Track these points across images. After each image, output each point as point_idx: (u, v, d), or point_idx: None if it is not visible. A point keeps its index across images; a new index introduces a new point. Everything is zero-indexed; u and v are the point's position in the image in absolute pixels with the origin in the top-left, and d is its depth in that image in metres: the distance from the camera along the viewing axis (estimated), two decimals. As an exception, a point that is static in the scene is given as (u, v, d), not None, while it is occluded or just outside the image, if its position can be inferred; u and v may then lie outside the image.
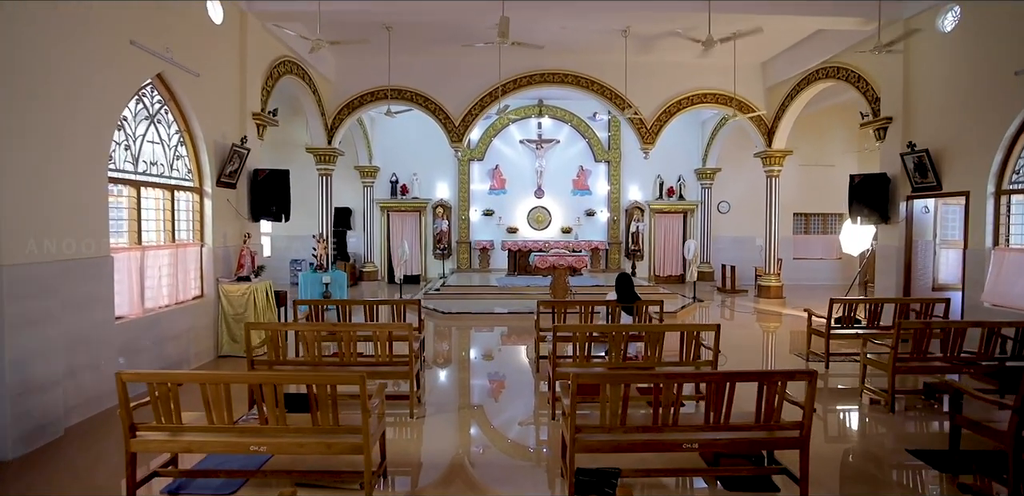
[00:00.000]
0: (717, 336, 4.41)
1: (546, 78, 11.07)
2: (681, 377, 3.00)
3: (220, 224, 6.73)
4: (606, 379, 3.00)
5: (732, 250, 14.54)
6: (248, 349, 4.36)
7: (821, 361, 6.27)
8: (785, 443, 3.07)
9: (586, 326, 4.33)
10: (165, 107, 5.85)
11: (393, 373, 4.38)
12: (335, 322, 5.36)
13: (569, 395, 3.12)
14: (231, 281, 6.72)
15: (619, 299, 5.93)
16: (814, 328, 6.44)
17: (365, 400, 2.90)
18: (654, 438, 3.02)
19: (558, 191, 14.58)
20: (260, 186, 7.37)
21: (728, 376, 2.99)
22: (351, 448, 2.93)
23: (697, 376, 2.93)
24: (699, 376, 2.94)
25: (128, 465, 2.95)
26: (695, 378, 2.98)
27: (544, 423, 4.57)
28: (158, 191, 5.73)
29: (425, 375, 5.89)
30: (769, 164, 11.52)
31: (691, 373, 2.99)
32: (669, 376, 2.97)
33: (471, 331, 8.68)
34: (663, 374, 2.95)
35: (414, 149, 14.34)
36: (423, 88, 11.06)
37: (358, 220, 14.60)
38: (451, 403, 5.08)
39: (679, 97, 11.22)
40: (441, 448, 4.04)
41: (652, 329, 4.35)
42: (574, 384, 2.97)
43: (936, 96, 7.00)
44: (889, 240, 7.76)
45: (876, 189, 7.66)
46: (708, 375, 2.97)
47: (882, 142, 7.91)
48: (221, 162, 6.66)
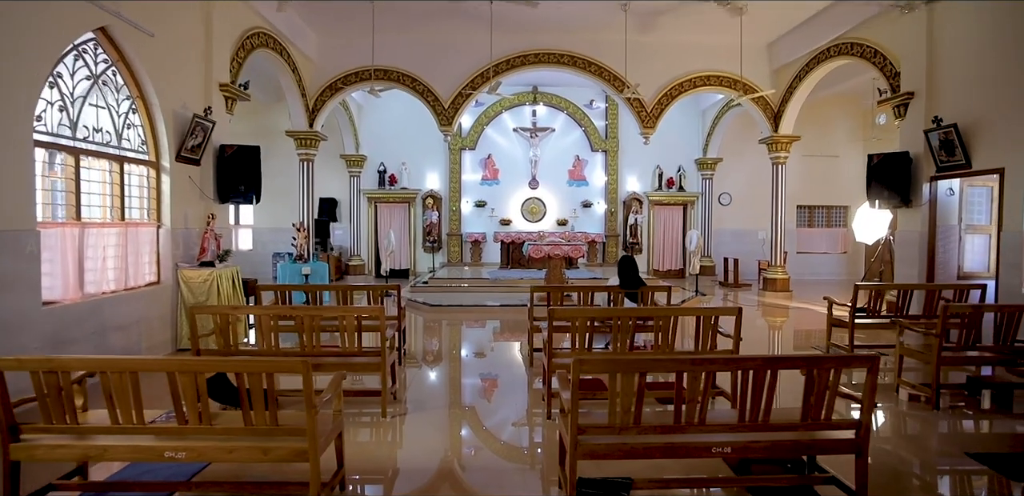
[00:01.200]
0: (738, 321, 3.81)
1: (541, 58, 10.46)
2: (711, 364, 2.39)
3: (180, 203, 6.08)
4: (616, 367, 2.39)
5: (733, 244, 13.98)
6: (193, 337, 3.72)
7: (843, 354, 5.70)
8: (838, 446, 2.47)
9: (586, 310, 3.72)
10: (113, 69, 5.20)
11: (363, 365, 3.75)
12: (295, 305, 4.72)
13: (569, 388, 2.51)
14: (192, 266, 6.07)
15: (622, 285, 5.33)
16: (836, 318, 5.86)
17: (310, 393, 2.28)
18: (676, 441, 2.41)
19: (553, 182, 13.97)
20: (227, 163, 6.72)
21: (770, 362, 2.38)
22: (293, 454, 2.31)
23: (732, 362, 2.34)
24: (735, 362, 2.35)
25: (5, 476, 2.31)
26: (730, 365, 2.37)
27: (538, 423, 3.96)
28: (104, 162, 5.07)
29: (405, 370, 5.27)
30: (775, 150, 10.96)
31: (725, 358, 2.37)
32: (696, 362, 2.35)
33: (458, 324, 8.05)
34: (689, 359, 2.34)
35: (403, 137, 13.70)
36: (411, 68, 10.43)
37: (344, 211, 13.94)
38: (432, 400, 4.45)
39: (681, 79, 10.64)
40: (419, 452, 3.42)
41: (664, 313, 3.74)
42: (576, 372, 2.36)
43: (965, 66, 6.44)
44: (910, 225, 7.19)
45: (897, 170, 7.10)
46: (745, 361, 2.37)
47: (902, 120, 7.35)
48: (181, 135, 6.01)
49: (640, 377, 2.36)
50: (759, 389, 2.40)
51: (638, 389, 2.37)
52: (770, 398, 2.42)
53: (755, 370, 2.38)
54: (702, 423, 2.43)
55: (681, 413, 2.43)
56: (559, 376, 2.85)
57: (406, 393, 4.56)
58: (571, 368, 2.34)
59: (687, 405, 2.39)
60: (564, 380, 2.79)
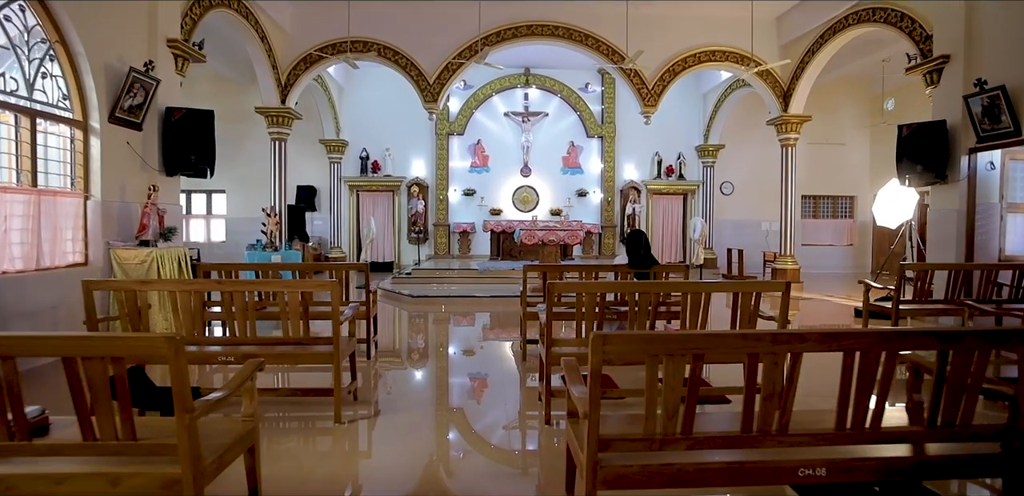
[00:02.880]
0: (786, 299, 3.03)
1: (534, 30, 9.65)
2: (801, 341, 1.57)
3: (115, 173, 5.20)
4: (659, 346, 1.57)
5: (736, 235, 13.24)
6: (90, 320, 2.87)
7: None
8: (981, 465, 1.68)
9: (596, 284, 2.91)
10: (21, 3, 4.33)
11: (309, 356, 2.91)
12: (222, 279, 3.87)
13: (582, 381, 1.71)
14: (129, 245, 5.19)
15: (631, 264, 4.53)
16: (874, 304, 5.10)
17: (182, 389, 1.44)
18: (749, 460, 1.60)
19: (546, 169, 13.17)
20: (175, 130, 5.84)
21: (887, 339, 1.58)
22: (158, 484, 1.47)
23: (834, 339, 1.54)
24: (838, 339, 1.55)
25: None
26: (829, 343, 1.57)
27: (532, 429, 3.15)
28: (6, 114, 4.20)
29: (375, 366, 4.43)
30: (784, 131, 10.22)
31: (823, 333, 1.57)
32: (780, 339, 1.55)
33: (442, 316, 7.22)
34: (769, 335, 1.54)
35: (387, 121, 12.84)
36: (393, 40, 9.58)
37: (324, 200, 13.05)
38: (403, 402, 3.61)
39: (685, 54, 9.88)
40: (376, 471, 2.60)
41: (694, 289, 2.94)
42: (597, 355, 1.53)
43: (1010, 23, 5.72)
44: (946, 203, 6.46)
45: (932, 141, 6.36)
46: (856, 336, 1.56)
47: (935, 87, 6.62)
48: (116, 92, 5.13)
49: (696, 362, 1.55)
50: (867, 379, 1.60)
51: (691, 382, 1.57)
52: (884, 394, 1.63)
53: (863, 351, 1.58)
54: (785, 430, 1.62)
55: (752, 417, 1.63)
56: (566, 365, 2.04)
57: (375, 393, 3.73)
58: (590, 349, 1.52)
59: (766, 403, 1.59)
60: (573, 371, 1.98)
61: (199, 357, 2.86)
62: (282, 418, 3.19)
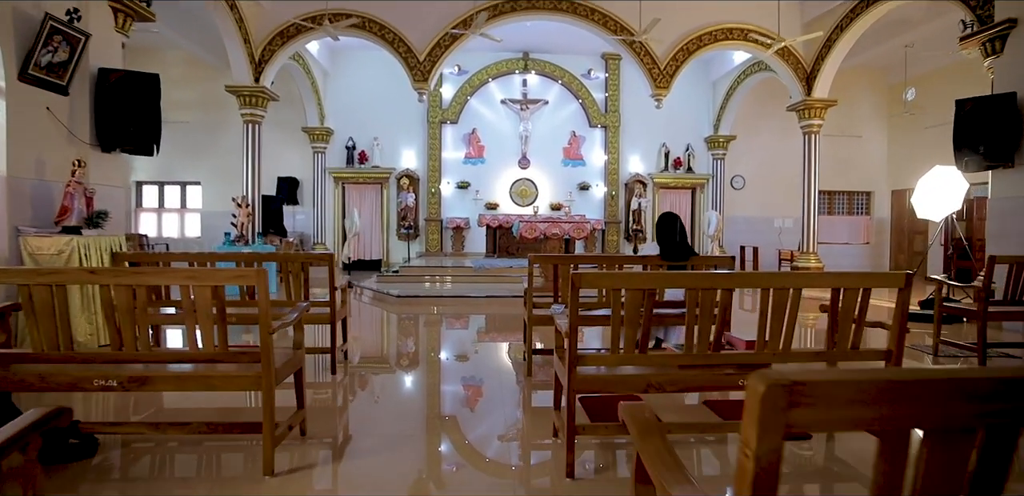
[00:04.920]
0: (905, 300, 2.14)
1: (534, 4, 8.77)
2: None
3: (27, 144, 4.27)
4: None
5: (747, 232, 12.42)
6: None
7: (963, 356, 4.10)
8: None
9: (644, 275, 2.01)
10: None
11: (225, 379, 1.97)
12: (98, 267, 2.94)
13: (641, 430, 0.81)
14: (47, 232, 4.25)
15: (664, 255, 3.64)
16: (947, 307, 4.24)
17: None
18: None
19: (546, 161, 12.28)
20: (111, 95, 4.89)
21: None
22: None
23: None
24: None
25: None
26: None
27: (545, 478, 2.24)
28: None
29: (342, 384, 3.52)
30: (807, 117, 9.39)
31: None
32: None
33: (432, 320, 6.29)
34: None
35: (375, 109, 11.93)
36: (377, 12, 8.67)
37: (306, 193, 12.11)
38: (367, 440, 2.68)
39: (700, 32, 9.03)
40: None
41: (782, 281, 2.04)
42: (775, 418, 0.63)
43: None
44: (1012, 190, 5.62)
45: (998, 118, 5.51)
46: None
47: (998, 57, 5.77)
48: (28, 43, 4.20)
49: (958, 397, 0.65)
50: None
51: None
52: None
53: None
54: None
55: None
56: (627, 412, 1.13)
57: (338, 424, 2.81)
58: (757, 410, 0.62)
59: None
60: (635, 417, 1.09)
61: (62, 381, 1.93)
62: (185, 468, 2.24)
